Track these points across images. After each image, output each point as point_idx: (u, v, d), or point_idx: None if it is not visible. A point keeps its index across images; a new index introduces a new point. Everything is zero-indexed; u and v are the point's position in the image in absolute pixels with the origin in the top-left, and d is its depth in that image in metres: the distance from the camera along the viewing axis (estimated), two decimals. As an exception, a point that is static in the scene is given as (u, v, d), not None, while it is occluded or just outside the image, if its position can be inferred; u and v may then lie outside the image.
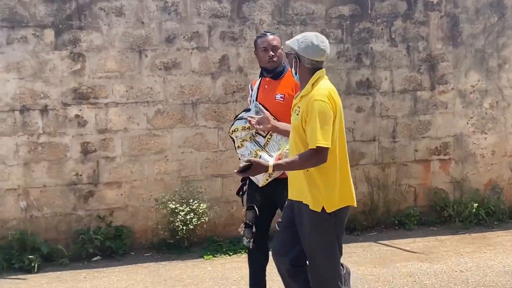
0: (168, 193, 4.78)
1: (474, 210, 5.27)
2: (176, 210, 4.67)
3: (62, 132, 4.66)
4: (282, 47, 3.21)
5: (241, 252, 4.70)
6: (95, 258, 4.65)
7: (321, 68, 2.77)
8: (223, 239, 4.93)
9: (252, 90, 3.37)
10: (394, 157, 5.36)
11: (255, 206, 3.19)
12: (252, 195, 3.25)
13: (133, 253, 4.81)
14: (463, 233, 5.18)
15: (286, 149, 2.96)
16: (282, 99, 3.15)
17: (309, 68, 2.75)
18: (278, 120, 3.08)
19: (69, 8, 4.58)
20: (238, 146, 3.24)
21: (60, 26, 4.59)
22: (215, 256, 4.69)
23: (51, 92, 4.61)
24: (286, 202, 2.89)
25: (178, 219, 4.66)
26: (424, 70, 5.39)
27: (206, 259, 4.64)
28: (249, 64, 4.94)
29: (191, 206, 4.70)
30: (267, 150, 3.14)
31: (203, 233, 4.84)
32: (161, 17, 4.77)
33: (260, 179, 3.13)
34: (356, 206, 2.85)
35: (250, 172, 2.69)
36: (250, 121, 3.09)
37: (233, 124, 3.29)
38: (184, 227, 4.67)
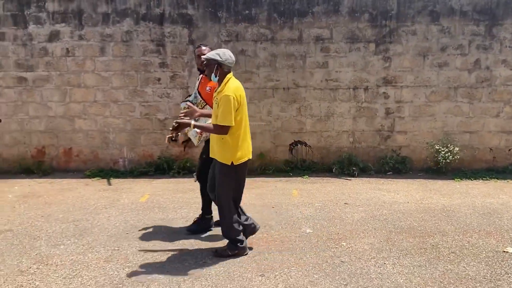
0: (434, 139, 8.09)
1: None
2: (439, 150, 7.95)
3: (374, 101, 8.27)
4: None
5: (474, 178, 7.75)
6: (389, 173, 8.21)
7: (230, 72, 4.41)
8: (467, 170, 8.04)
9: (197, 81, 5.17)
10: None
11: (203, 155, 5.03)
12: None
13: (411, 173, 8.19)
14: None
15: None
16: (209, 90, 4.93)
17: (226, 72, 4.40)
18: (205, 105, 4.94)
19: (384, 31, 8.10)
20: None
21: (378, 41, 8.13)
22: (461, 180, 7.80)
23: (370, 79, 8.24)
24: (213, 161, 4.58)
25: (440, 156, 7.93)
26: None
27: (456, 181, 7.76)
28: (494, 64, 7.87)
29: (448, 148, 7.92)
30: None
31: (455, 165, 8.02)
32: (439, 35, 7.95)
33: (194, 140, 4.94)
34: (251, 157, 4.54)
35: (178, 128, 4.41)
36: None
37: (183, 102, 5.11)
38: (443, 161, 7.91)
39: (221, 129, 4.33)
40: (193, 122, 4.42)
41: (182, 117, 4.65)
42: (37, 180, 7.72)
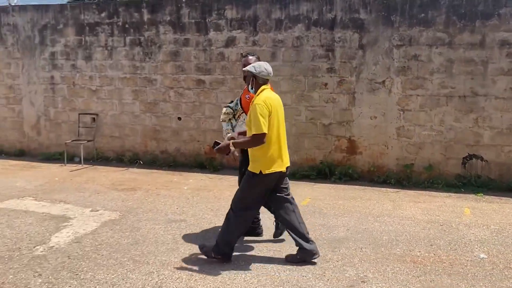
0: None
1: None
2: None
3: None
4: None
5: None
6: None
7: (266, 84, 4.46)
8: None
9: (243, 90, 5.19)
10: None
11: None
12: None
13: None
14: None
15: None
16: (248, 99, 4.88)
17: (260, 84, 4.45)
18: (242, 113, 5.10)
19: None
20: (224, 120, 5.20)
21: None
22: None
23: None
24: None
25: None
26: None
27: None
28: None
29: None
30: (234, 130, 5.10)
31: None
32: None
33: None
34: (285, 171, 4.47)
35: (218, 150, 4.46)
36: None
37: (225, 107, 5.21)
38: None
39: (257, 138, 4.29)
40: (231, 147, 4.41)
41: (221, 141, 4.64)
42: (208, 175, 8.32)
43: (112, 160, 9.45)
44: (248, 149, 4.50)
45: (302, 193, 7.18)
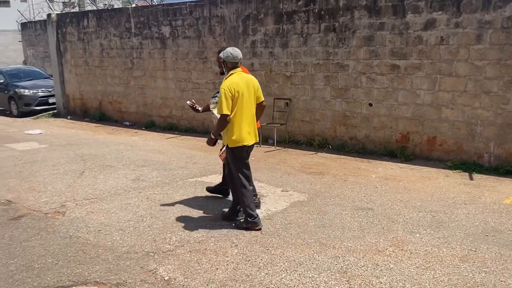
0: None
1: None
2: None
3: None
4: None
5: None
6: None
7: (236, 67, 5.10)
8: None
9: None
10: None
11: None
12: None
13: None
14: None
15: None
16: None
17: (229, 67, 5.12)
18: None
19: None
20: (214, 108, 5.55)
21: None
22: None
23: None
24: None
25: None
26: None
27: None
28: None
29: None
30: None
31: None
32: None
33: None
34: (249, 145, 5.16)
35: (207, 142, 5.32)
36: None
37: (213, 97, 5.75)
38: None
39: (221, 119, 5.01)
40: (212, 136, 5.28)
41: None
42: (399, 165, 8.02)
43: (302, 143, 9.76)
44: None
45: (505, 190, 6.46)
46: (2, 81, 16.45)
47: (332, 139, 9.39)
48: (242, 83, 5.07)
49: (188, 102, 6.11)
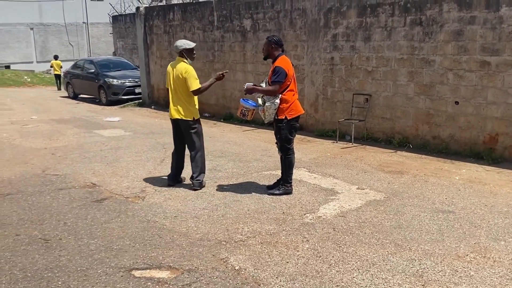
0: None
1: None
2: None
3: None
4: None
5: None
6: None
7: (179, 55, 6.39)
8: None
9: None
10: None
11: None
12: None
13: None
14: None
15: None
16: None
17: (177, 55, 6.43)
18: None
19: None
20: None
21: None
22: None
23: None
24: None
25: None
26: None
27: None
28: None
29: None
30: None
31: None
32: None
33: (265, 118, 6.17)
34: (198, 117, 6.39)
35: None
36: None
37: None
38: None
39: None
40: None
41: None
42: (485, 167, 7.55)
43: (381, 141, 9.47)
44: None
45: None
46: (93, 70, 17.49)
47: (413, 137, 9.02)
48: (171, 67, 6.43)
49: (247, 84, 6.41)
